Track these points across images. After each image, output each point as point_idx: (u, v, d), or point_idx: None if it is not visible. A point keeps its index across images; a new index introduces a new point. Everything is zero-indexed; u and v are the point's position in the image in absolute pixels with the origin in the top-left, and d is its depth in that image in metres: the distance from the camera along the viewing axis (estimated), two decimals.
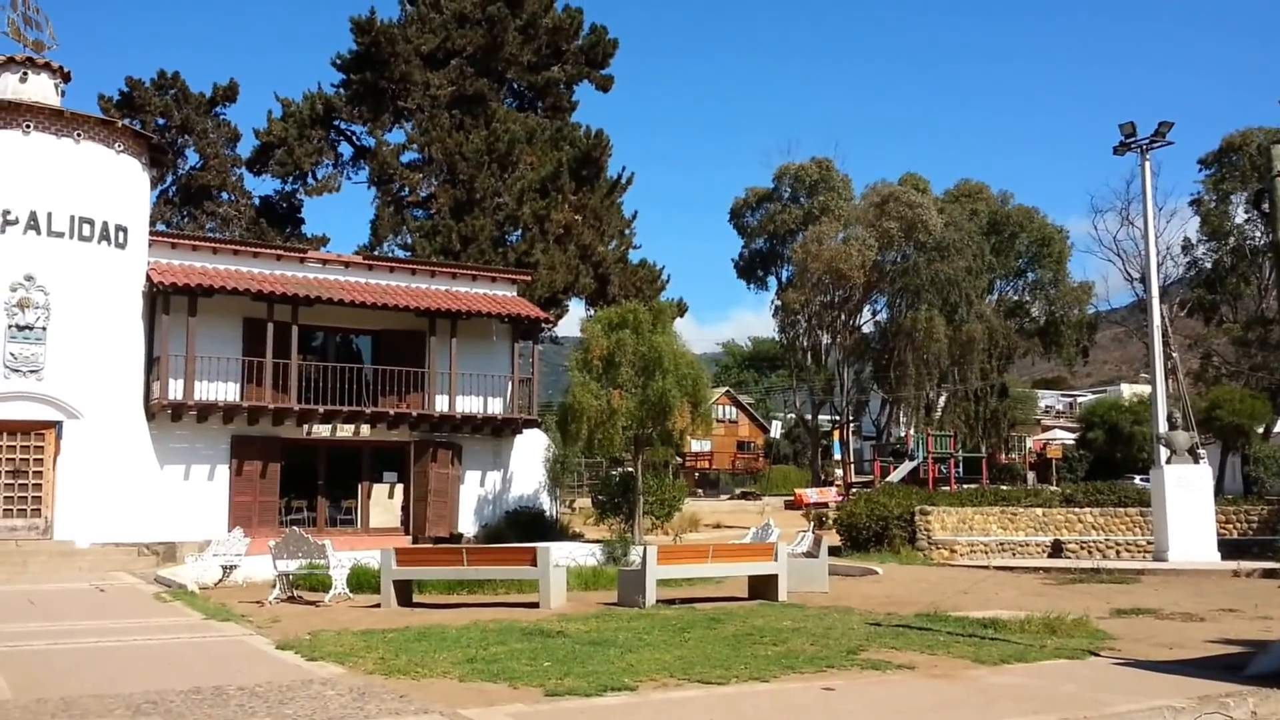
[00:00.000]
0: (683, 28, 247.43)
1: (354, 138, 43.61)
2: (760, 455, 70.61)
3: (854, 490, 39.28)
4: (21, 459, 21.99)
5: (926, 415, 51.89)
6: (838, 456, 56.44)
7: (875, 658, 10.90)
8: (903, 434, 53.27)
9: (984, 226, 53.69)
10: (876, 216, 51.56)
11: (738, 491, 57.15)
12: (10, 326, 21.85)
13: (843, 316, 55.25)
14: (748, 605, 15.58)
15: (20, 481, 21.92)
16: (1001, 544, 23.52)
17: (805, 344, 57.43)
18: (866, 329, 56.97)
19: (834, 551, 21.79)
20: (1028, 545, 23.48)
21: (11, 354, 21.83)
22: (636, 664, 10.47)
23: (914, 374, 51.11)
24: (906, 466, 44.45)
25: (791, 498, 46.62)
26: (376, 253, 36.90)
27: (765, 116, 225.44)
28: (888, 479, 41.45)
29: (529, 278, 32.42)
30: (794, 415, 66.11)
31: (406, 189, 41.32)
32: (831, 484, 50.29)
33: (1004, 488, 34.46)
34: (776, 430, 72.47)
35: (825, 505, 39.51)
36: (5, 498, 21.81)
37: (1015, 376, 60.28)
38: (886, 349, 53.98)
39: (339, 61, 42.01)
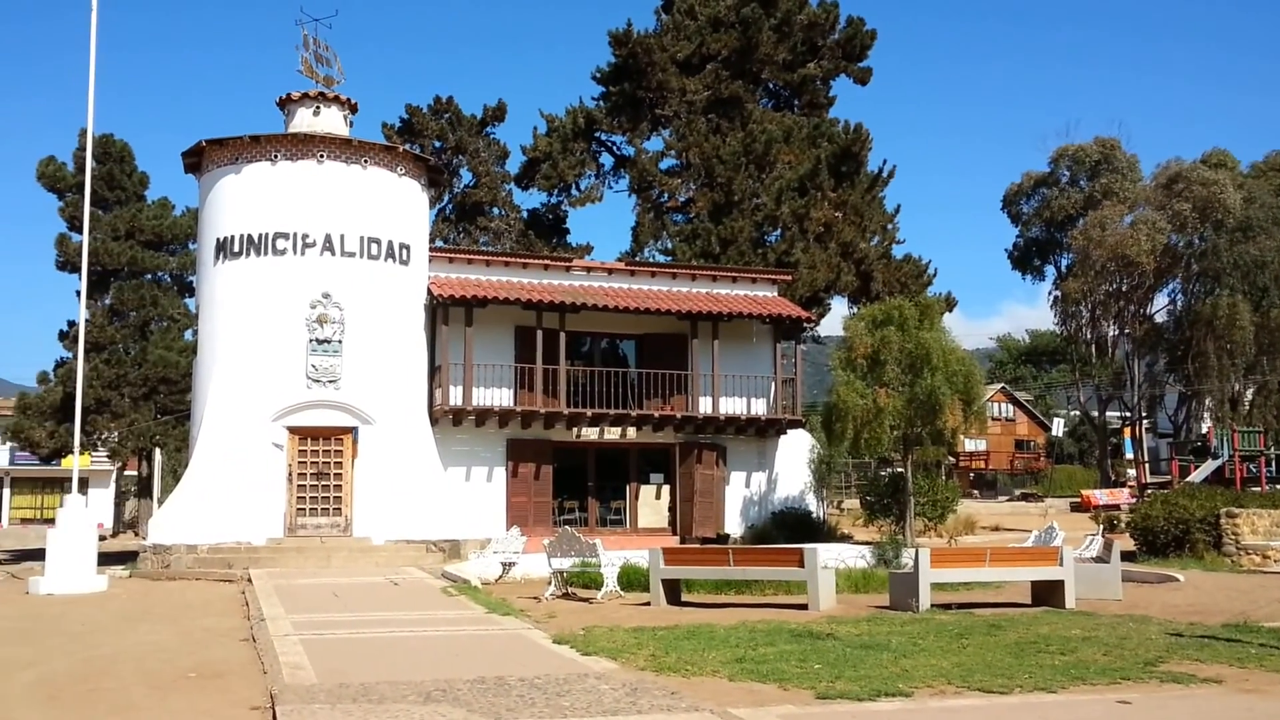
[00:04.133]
0: (945, 9, 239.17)
1: (614, 148, 44.73)
2: (1041, 455, 67.22)
3: (1149, 491, 36.74)
4: (324, 462, 23.85)
5: (1231, 409, 47.65)
6: (1129, 455, 52.89)
7: (1176, 670, 10.10)
8: (1204, 430, 49.17)
9: None
10: (1165, 197, 47.92)
11: (1017, 493, 54.79)
12: (311, 340, 23.74)
13: (1131, 305, 51.63)
14: (1031, 612, 14.82)
15: (323, 483, 23.78)
16: None
17: (1089, 336, 54.09)
18: (1159, 318, 52.93)
19: (1127, 557, 20.48)
20: None
21: (313, 365, 23.71)
22: (911, 669, 10.12)
23: (1215, 365, 47.07)
24: (1209, 466, 40.94)
25: (1078, 499, 44.45)
26: (638, 258, 37.68)
27: (1036, 100, 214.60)
28: (1188, 479, 38.31)
29: (789, 277, 32.15)
30: (1078, 412, 62.46)
31: (666, 195, 41.95)
32: (1123, 485, 47.36)
33: None
34: (1058, 428, 68.67)
35: (1116, 507, 37.36)
36: (311, 498, 23.70)
37: None
38: (1182, 339, 50.02)
39: (598, 75, 43.24)
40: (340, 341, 23.86)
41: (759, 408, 28.32)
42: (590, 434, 26.85)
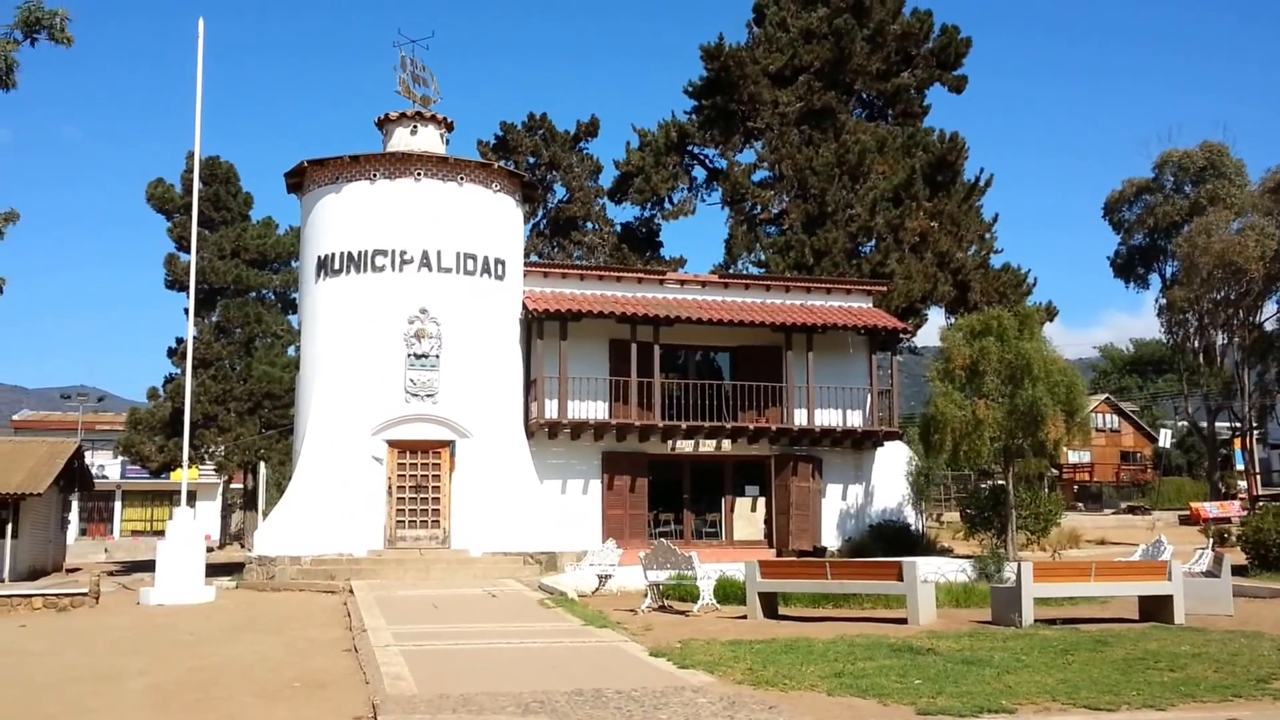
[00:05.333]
0: (1040, 18, 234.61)
1: (706, 161, 44.78)
2: (1147, 466, 65.27)
3: (1260, 503, 35.43)
4: (422, 475, 24.27)
5: None
6: (1240, 467, 51.12)
7: None
8: None
9: None
10: (1274, 203, 46.34)
11: (1123, 506, 53.40)
12: (409, 355, 24.20)
13: (1240, 313, 49.92)
14: (1138, 628, 14.40)
15: (422, 495, 24.20)
16: None
17: (1196, 345, 52.45)
18: (1269, 326, 51.08)
19: (1238, 571, 19.81)
20: None
21: (411, 380, 24.17)
22: (1015, 686, 9.91)
23: None
24: None
25: (1186, 512, 43.07)
26: (731, 271, 37.62)
27: (1136, 109, 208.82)
28: None
29: (884, 288, 31.81)
30: (1186, 423, 60.49)
31: (758, 207, 41.86)
32: (1233, 497, 45.77)
33: None
34: (1166, 439, 66.61)
35: (1227, 520, 36.15)
36: (410, 510, 24.13)
37: None
38: None
39: (690, 89, 43.34)
40: (438, 356, 24.27)
41: (855, 419, 28.03)
42: (685, 446, 26.85)
